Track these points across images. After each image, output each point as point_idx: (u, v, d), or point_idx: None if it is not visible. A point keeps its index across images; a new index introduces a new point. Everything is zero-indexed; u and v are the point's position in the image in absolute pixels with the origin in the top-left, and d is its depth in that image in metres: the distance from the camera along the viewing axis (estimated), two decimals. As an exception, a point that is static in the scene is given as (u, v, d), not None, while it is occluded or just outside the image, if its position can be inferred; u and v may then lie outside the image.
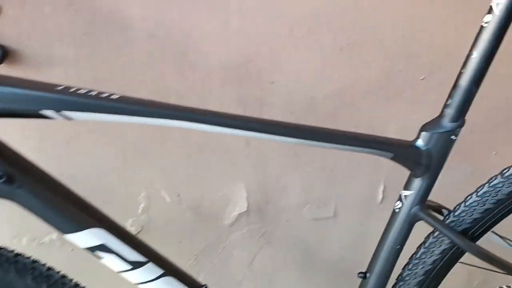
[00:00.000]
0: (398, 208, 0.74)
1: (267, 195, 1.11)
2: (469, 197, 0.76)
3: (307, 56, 0.96)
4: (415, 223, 0.74)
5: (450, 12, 0.99)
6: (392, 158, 0.69)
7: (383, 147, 0.68)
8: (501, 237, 0.87)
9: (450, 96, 0.68)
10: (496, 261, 0.74)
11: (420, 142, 0.70)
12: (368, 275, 0.80)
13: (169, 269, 0.68)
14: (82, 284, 0.66)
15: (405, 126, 1.09)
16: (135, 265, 0.64)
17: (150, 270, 0.65)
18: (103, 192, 0.99)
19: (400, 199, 0.74)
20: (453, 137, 0.69)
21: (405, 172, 0.71)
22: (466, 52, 0.64)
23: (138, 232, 1.07)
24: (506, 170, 0.73)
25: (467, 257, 0.76)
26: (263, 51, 0.94)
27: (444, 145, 0.70)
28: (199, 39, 0.90)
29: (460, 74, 0.66)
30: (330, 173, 1.11)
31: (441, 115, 0.69)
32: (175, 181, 1.03)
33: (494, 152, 1.15)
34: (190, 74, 0.92)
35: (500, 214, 0.76)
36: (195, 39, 0.90)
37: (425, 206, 0.74)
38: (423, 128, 0.70)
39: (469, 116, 0.68)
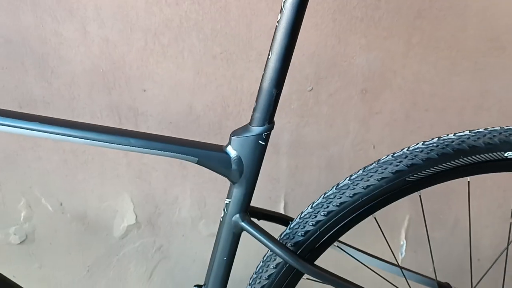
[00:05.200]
0: (222, 217, 0.71)
1: (158, 208, 1.08)
2: (305, 209, 0.72)
3: (178, 64, 0.94)
4: (240, 233, 0.70)
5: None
6: (198, 163, 0.65)
7: (186, 150, 0.64)
8: (342, 247, 0.82)
9: (256, 100, 0.64)
10: (333, 280, 0.70)
11: (229, 147, 0.66)
12: (204, 287, 0.77)
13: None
14: None
15: (296, 141, 1.05)
16: None
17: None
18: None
19: (224, 208, 0.70)
20: (261, 141, 0.65)
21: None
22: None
23: (23, 241, 1.05)
24: (340, 182, 0.70)
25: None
26: (129, 59, 0.92)
27: (253, 150, 0.66)
28: (58, 45, 0.89)
29: (262, 77, 0.62)
30: (224, 184, 1.07)
31: (250, 120, 0.65)
32: (54, 188, 1.02)
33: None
34: (54, 80, 0.91)
35: (336, 227, 0.71)
36: (53, 45, 0.89)
37: (248, 216, 0.70)
38: (233, 133, 0.66)
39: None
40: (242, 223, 0.68)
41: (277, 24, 0.59)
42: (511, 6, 0.99)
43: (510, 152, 0.69)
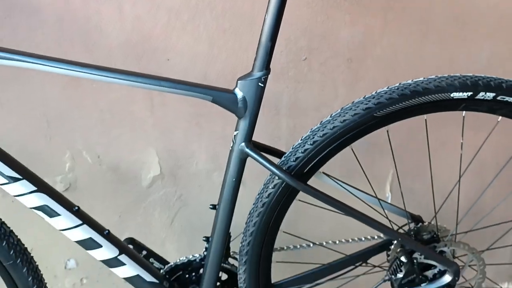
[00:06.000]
0: (231, 147, 0.90)
1: (178, 161, 1.29)
2: (296, 142, 0.92)
3: (195, 37, 1.15)
4: (245, 159, 0.90)
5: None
6: (213, 101, 0.86)
7: (203, 91, 0.85)
8: (330, 177, 1.01)
9: (256, 51, 0.84)
10: (320, 196, 0.90)
11: (236, 89, 0.86)
12: (217, 206, 0.96)
13: (42, 187, 0.86)
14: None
15: (294, 103, 1.25)
16: (11, 180, 0.83)
17: (25, 185, 0.84)
18: (32, 151, 1.21)
19: (233, 139, 0.90)
20: (260, 84, 0.85)
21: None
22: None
23: (67, 189, 1.27)
24: (323, 119, 0.91)
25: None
26: (155, 33, 1.13)
27: (254, 90, 0.86)
28: (99, 22, 1.11)
29: (260, 33, 0.83)
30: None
31: (252, 68, 0.86)
32: (93, 143, 1.23)
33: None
34: (95, 51, 1.13)
35: (320, 154, 0.90)
36: (95, 22, 1.11)
37: (252, 144, 0.90)
38: (239, 78, 0.87)
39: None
40: (247, 149, 0.89)
41: (271, -6, 0.79)
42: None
43: (455, 93, 0.89)
